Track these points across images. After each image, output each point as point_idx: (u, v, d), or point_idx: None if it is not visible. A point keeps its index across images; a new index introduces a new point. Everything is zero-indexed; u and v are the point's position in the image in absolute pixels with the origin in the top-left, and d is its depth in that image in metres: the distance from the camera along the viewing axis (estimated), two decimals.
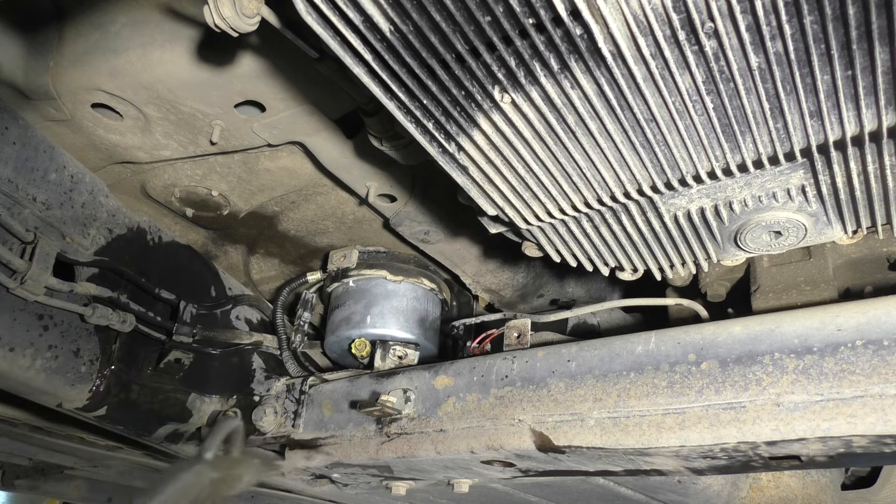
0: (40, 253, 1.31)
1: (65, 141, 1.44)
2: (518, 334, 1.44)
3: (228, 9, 0.83)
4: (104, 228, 1.52)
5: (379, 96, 0.91)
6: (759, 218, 1.11)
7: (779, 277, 1.30)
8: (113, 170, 1.57)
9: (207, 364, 1.73)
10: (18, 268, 1.26)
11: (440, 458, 1.31)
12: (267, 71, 1.23)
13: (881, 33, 0.74)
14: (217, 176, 1.60)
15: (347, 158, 1.48)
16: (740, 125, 0.91)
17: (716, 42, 0.78)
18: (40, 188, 1.36)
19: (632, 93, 0.86)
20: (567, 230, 1.21)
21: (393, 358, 1.59)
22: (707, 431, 1.05)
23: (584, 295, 2.03)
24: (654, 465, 1.20)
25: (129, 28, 1.23)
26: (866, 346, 0.97)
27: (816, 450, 1.01)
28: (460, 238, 1.73)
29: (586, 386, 1.18)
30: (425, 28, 0.78)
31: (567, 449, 1.17)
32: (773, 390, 1.01)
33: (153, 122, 1.37)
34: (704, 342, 1.11)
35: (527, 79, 0.86)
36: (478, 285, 1.91)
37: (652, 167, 1.00)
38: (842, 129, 0.89)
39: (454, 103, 0.91)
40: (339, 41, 0.82)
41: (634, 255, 1.27)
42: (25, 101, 1.33)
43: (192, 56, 1.21)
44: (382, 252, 1.87)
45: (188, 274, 1.75)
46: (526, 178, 1.06)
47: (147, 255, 1.63)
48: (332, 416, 1.51)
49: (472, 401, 1.31)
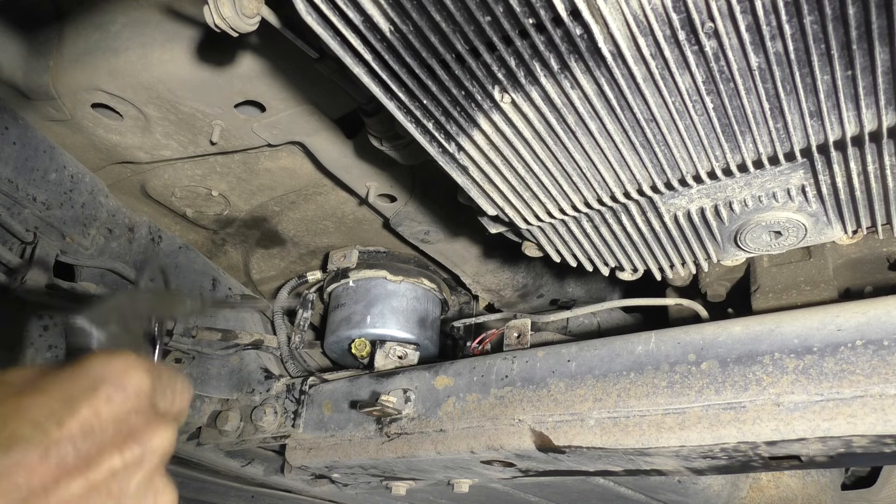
0: (40, 253, 1.31)
1: (65, 141, 1.44)
2: (518, 334, 1.44)
3: (228, 9, 0.83)
4: (104, 228, 1.52)
5: (379, 96, 0.91)
6: (759, 218, 1.11)
7: (779, 277, 1.30)
8: (113, 170, 1.57)
9: (207, 364, 1.73)
10: (18, 268, 1.26)
11: (440, 458, 1.31)
12: (267, 71, 1.23)
13: (881, 33, 0.74)
14: (217, 176, 1.60)
15: (347, 158, 1.48)
16: (740, 125, 0.91)
17: (716, 42, 0.78)
18: (40, 188, 1.36)
19: (632, 93, 0.86)
20: (567, 230, 1.21)
21: (393, 358, 1.59)
22: (707, 431, 1.05)
23: (584, 295, 2.03)
24: (654, 465, 1.20)
25: (129, 28, 1.23)
26: (866, 346, 0.97)
27: (816, 450, 1.01)
28: (460, 238, 1.73)
29: (586, 386, 1.19)
30: (425, 28, 0.78)
31: (567, 449, 1.17)
32: (773, 390, 1.01)
33: (153, 122, 1.37)
34: (704, 342, 1.11)
35: (527, 79, 0.86)
36: (478, 285, 1.91)
37: (652, 167, 1.00)
38: (842, 129, 0.89)
39: (454, 103, 0.91)
40: (339, 41, 0.82)
41: (634, 255, 1.27)
42: (25, 101, 1.33)
43: (192, 56, 1.21)
44: (382, 252, 1.87)
45: (188, 274, 1.75)
46: (526, 178, 1.06)
47: (147, 256, 1.63)
48: (332, 416, 1.51)
49: (472, 401, 1.31)
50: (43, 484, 0.40)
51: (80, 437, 0.42)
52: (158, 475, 0.47)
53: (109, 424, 0.44)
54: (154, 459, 0.46)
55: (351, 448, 1.43)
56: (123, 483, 0.44)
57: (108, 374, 0.46)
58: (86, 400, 0.44)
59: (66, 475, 0.41)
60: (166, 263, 0.75)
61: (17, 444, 0.40)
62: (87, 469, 0.42)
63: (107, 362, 0.47)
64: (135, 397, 0.47)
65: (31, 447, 0.40)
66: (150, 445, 0.46)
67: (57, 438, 0.41)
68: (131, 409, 0.46)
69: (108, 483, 0.43)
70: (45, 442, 0.41)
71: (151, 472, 0.46)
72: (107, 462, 0.43)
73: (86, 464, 0.42)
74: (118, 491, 0.43)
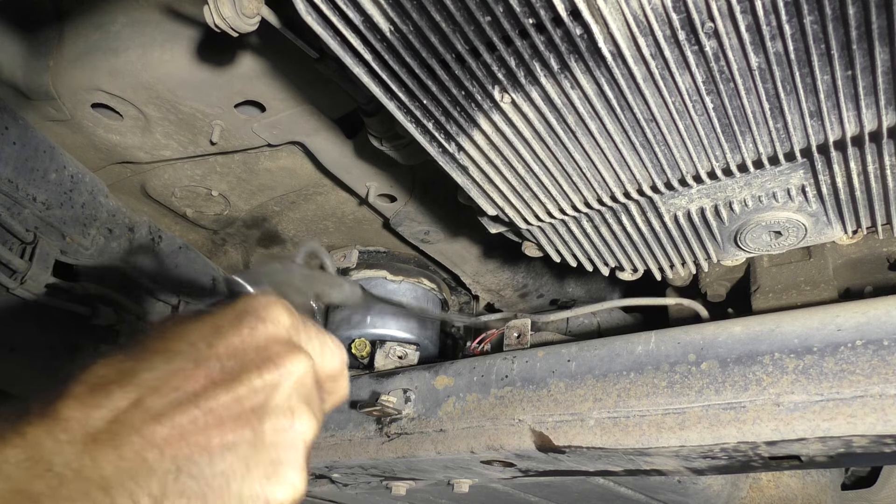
0: (40, 253, 1.31)
1: (65, 141, 1.44)
2: (518, 334, 1.44)
3: (228, 9, 0.83)
4: (104, 228, 1.52)
5: (379, 96, 0.91)
6: (759, 218, 1.11)
7: (779, 277, 1.30)
8: (113, 170, 1.57)
9: None
10: (18, 268, 1.27)
11: (440, 458, 1.31)
12: (267, 71, 1.23)
13: (881, 33, 0.74)
14: (217, 176, 1.60)
15: (347, 158, 1.48)
16: (740, 125, 0.91)
17: (716, 42, 0.78)
18: (40, 188, 1.36)
19: (632, 93, 0.86)
20: (567, 230, 1.21)
21: (393, 358, 1.59)
22: (707, 431, 1.04)
23: (584, 295, 2.03)
24: (654, 465, 1.20)
25: (129, 28, 1.23)
26: (866, 346, 0.97)
27: (816, 450, 1.01)
28: (460, 238, 1.73)
29: (586, 386, 1.18)
30: (425, 28, 0.78)
31: (567, 449, 1.17)
32: (773, 390, 1.01)
33: (153, 122, 1.37)
34: (704, 342, 1.11)
35: (527, 79, 0.86)
36: (478, 285, 1.91)
37: (652, 167, 1.00)
38: (842, 129, 0.89)
39: (454, 103, 0.91)
40: (339, 41, 0.82)
41: (634, 255, 1.27)
42: (25, 101, 1.33)
43: (192, 56, 1.21)
44: (382, 252, 1.87)
45: (188, 274, 1.75)
46: (526, 179, 1.06)
47: (147, 256, 1.63)
48: (331, 416, 1.51)
49: (472, 401, 1.31)
50: (195, 390, 0.47)
51: (226, 356, 0.49)
52: (298, 399, 0.51)
53: (251, 349, 0.51)
54: (291, 383, 0.51)
55: (351, 448, 1.43)
56: (263, 399, 0.49)
57: (252, 308, 0.53)
58: (232, 328, 0.51)
59: (214, 386, 0.47)
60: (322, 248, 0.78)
61: (175, 357, 0.48)
62: (231, 383, 0.48)
63: (251, 300, 0.55)
64: (274, 329, 0.53)
65: (186, 360, 0.48)
66: (287, 369, 0.51)
67: (207, 356, 0.49)
68: (270, 338, 0.52)
69: (249, 397, 0.48)
70: (197, 357, 0.48)
71: (289, 395, 0.51)
72: (248, 379, 0.49)
73: (231, 378, 0.48)
74: (259, 405, 0.49)
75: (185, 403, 0.46)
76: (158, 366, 0.47)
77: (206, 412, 0.46)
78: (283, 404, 0.50)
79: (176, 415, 0.45)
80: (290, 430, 0.50)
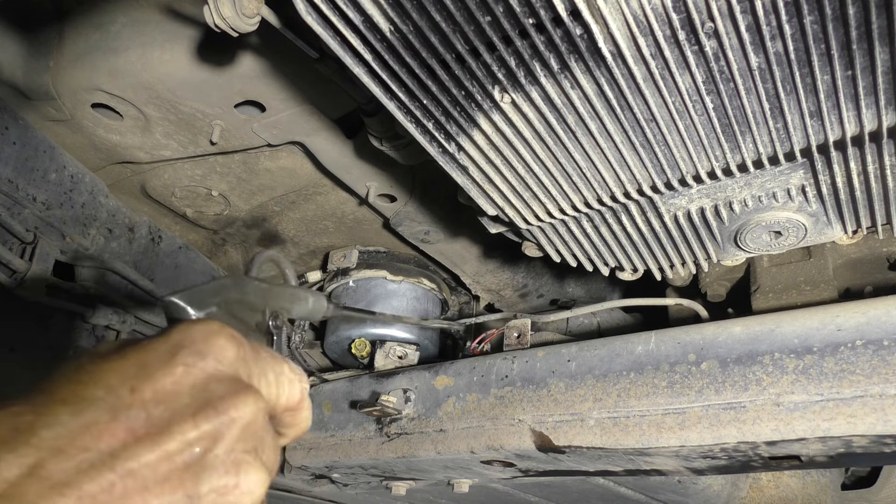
0: (40, 253, 1.31)
1: (65, 141, 1.44)
2: (518, 334, 1.44)
3: (228, 9, 0.83)
4: (104, 228, 1.52)
5: (379, 96, 0.91)
6: (759, 218, 1.11)
7: (779, 277, 1.30)
8: (113, 170, 1.57)
9: None
10: (18, 268, 1.27)
11: (440, 458, 1.31)
12: (267, 71, 1.23)
13: (881, 33, 0.74)
14: (217, 176, 1.60)
15: (347, 158, 1.48)
16: (740, 125, 0.91)
17: (716, 42, 0.78)
18: (40, 188, 1.36)
19: (632, 93, 0.86)
20: (567, 230, 1.21)
21: (393, 358, 1.59)
22: (707, 431, 1.05)
23: (584, 295, 2.03)
24: (654, 465, 1.20)
25: (129, 28, 1.23)
26: (866, 346, 0.97)
27: (816, 450, 1.01)
28: (460, 238, 1.73)
29: (586, 386, 1.18)
30: (425, 28, 0.78)
31: (567, 449, 1.17)
32: (773, 390, 1.01)
33: (153, 122, 1.37)
34: (704, 342, 1.11)
35: (527, 79, 0.86)
36: (478, 285, 1.91)
37: (652, 167, 1.00)
38: (842, 129, 0.89)
39: (454, 103, 0.91)
40: (339, 41, 0.82)
41: (634, 255, 1.27)
42: (25, 101, 1.33)
43: (192, 56, 1.21)
44: (382, 252, 1.87)
45: (188, 274, 1.75)
46: (526, 179, 1.06)
47: (147, 256, 1.64)
48: (332, 416, 1.51)
49: (472, 401, 1.31)
50: (111, 449, 0.38)
51: (152, 403, 0.41)
52: (244, 450, 0.43)
53: (186, 392, 0.42)
54: (235, 432, 0.43)
55: (351, 448, 1.43)
56: (200, 454, 0.41)
57: (188, 340, 0.44)
58: (162, 366, 0.42)
59: (136, 442, 0.39)
60: (280, 256, 0.72)
61: (88, 407, 0.39)
62: (158, 437, 0.40)
63: (188, 329, 0.45)
64: (215, 365, 0.44)
65: (100, 411, 0.39)
66: (229, 415, 0.42)
67: (129, 403, 0.40)
68: (210, 376, 0.44)
69: (182, 453, 0.40)
70: (116, 406, 0.40)
71: (233, 446, 0.42)
72: (180, 431, 0.40)
73: (157, 431, 0.40)
74: (194, 462, 0.40)
75: (98, 467, 0.37)
76: (64, 420, 0.38)
77: (123, 476, 0.38)
78: (226, 458, 0.42)
79: (84, 482, 0.37)
80: (235, 489, 0.42)
